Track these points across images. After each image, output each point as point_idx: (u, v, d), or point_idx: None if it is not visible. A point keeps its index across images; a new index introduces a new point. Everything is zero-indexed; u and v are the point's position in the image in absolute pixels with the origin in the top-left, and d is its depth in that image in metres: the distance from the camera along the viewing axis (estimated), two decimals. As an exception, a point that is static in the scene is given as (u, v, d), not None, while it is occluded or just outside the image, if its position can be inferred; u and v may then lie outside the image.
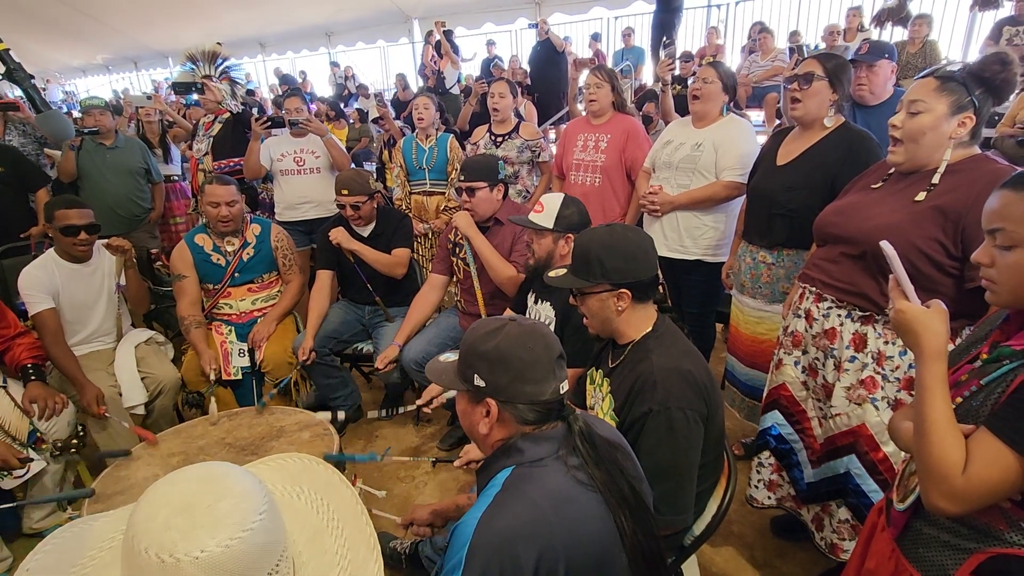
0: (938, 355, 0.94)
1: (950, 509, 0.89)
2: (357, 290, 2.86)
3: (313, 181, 3.47)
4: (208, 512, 0.69)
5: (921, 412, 0.93)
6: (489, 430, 1.07)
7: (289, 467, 1.04)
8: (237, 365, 2.57)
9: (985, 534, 0.93)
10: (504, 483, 1.00)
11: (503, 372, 1.02)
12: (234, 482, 0.75)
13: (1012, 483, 0.85)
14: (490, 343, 1.04)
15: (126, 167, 3.68)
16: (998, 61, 1.39)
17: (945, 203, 1.42)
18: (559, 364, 1.06)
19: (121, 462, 1.85)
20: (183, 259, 2.65)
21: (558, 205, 1.99)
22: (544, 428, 1.05)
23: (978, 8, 5.85)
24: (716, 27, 7.72)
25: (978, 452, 0.87)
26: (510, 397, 1.03)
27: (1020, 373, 0.87)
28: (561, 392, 1.05)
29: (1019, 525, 0.90)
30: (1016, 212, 0.89)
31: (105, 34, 11.62)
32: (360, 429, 2.94)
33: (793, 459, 1.85)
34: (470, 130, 3.94)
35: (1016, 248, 0.90)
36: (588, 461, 1.01)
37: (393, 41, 11.10)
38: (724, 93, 2.45)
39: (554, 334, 1.10)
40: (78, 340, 2.48)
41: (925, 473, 0.92)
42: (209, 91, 3.71)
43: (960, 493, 0.87)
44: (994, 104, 1.45)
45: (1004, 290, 0.93)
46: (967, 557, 0.94)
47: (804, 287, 1.77)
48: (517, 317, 1.10)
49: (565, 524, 0.94)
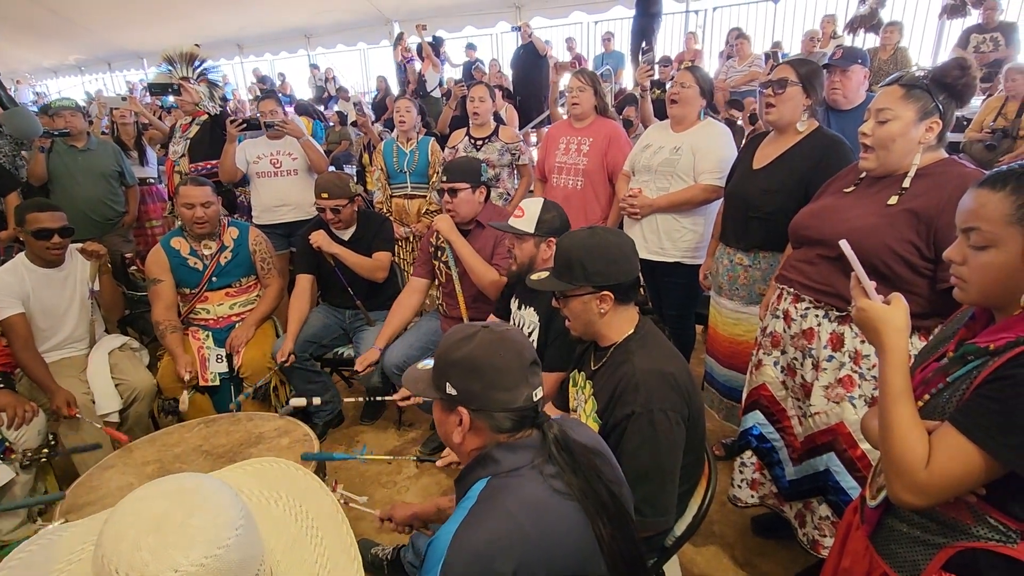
0: (899, 350, 0.96)
1: (915, 502, 0.91)
2: (338, 294, 2.83)
3: (290, 183, 3.43)
4: (180, 529, 0.66)
5: (884, 407, 0.95)
6: (463, 439, 1.06)
7: (266, 472, 1.01)
8: (215, 371, 2.53)
9: (953, 529, 0.95)
10: (479, 495, 0.98)
11: (475, 380, 1.01)
12: (207, 496, 0.71)
13: (974, 476, 0.87)
14: (462, 351, 1.03)
15: (98, 169, 3.61)
16: (957, 67, 1.43)
17: (917, 206, 1.45)
18: (532, 371, 1.05)
19: (95, 469, 1.80)
20: (158, 263, 2.60)
21: (538, 210, 1.99)
22: (519, 436, 1.04)
23: (946, 16, 6.02)
24: (694, 32, 7.81)
25: (941, 446, 0.89)
26: (482, 405, 1.02)
27: (983, 369, 0.89)
28: (535, 399, 1.04)
29: (985, 519, 0.92)
30: (991, 212, 0.90)
31: (77, 34, 11.36)
32: (340, 434, 2.92)
33: (774, 458, 1.88)
34: (450, 133, 3.94)
35: (989, 248, 0.91)
36: (564, 469, 1.00)
37: (374, 44, 11.02)
38: (701, 97, 2.48)
39: (528, 340, 1.09)
40: (49, 347, 2.42)
41: (890, 467, 0.94)
42: (186, 92, 3.65)
43: (924, 486, 0.89)
44: (957, 107, 1.48)
45: (973, 288, 0.95)
46: (936, 552, 0.96)
47: (782, 288, 1.80)
48: (491, 323, 1.09)
49: (543, 535, 0.94)
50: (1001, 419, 0.84)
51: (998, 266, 0.90)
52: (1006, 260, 0.89)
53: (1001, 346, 0.88)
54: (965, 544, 0.94)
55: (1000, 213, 0.89)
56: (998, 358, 0.88)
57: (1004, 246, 0.89)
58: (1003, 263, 0.90)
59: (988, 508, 0.91)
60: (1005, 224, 0.89)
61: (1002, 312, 0.95)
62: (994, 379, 0.87)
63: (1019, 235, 0.88)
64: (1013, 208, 0.88)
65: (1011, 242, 0.89)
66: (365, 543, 2.03)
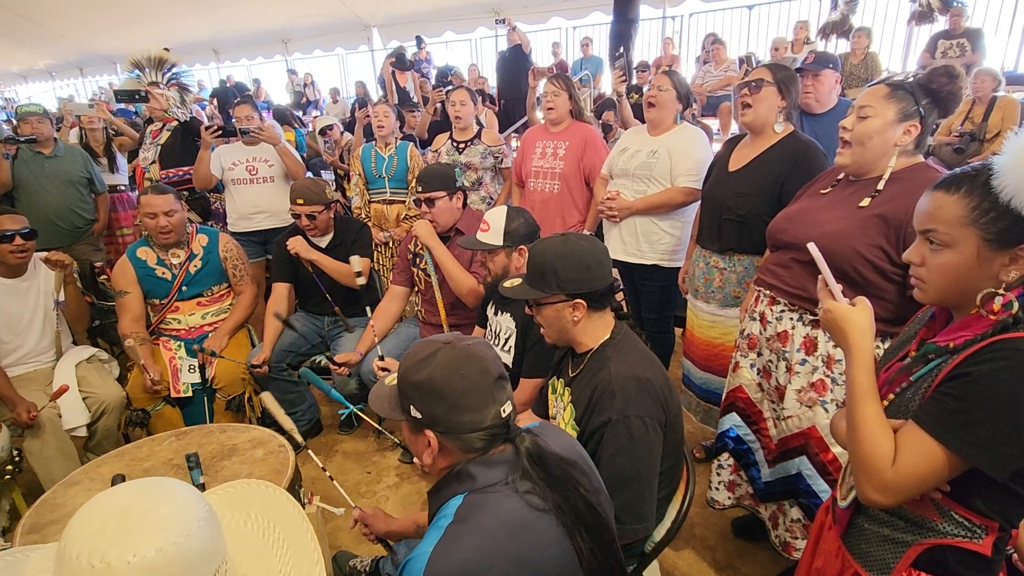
0: (864, 350, 0.98)
1: (882, 500, 0.93)
2: (316, 301, 2.79)
3: (267, 190, 3.37)
4: (143, 516, 0.68)
5: (851, 406, 0.97)
6: (432, 460, 1.03)
7: (239, 494, 1.00)
8: (187, 381, 2.47)
9: (920, 526, 0.97)
10: (456, 513, 0.96)
11: (438, 403, 0.97)
12: (173, 491, 0.73)
13: (939, 473, 0.88)
14: (422, 373, 0.98)
15: (66, 176, 3.51)
16: (946, 74, 1.45)
17: (887, 211, 1.46)
18: (499, 386, 1.00)
19: (60, 486, 1.74)
20: (125, 274, 2.54)
21: (503, 220, 1.96)
22: (493, 452, 1.01)
23: (915, 22, 6.17)
24: (671, 38, 7.90)
25: (906, 445, 0.90)
26: (448, 428, 0.98)
27: (944, 367, 0.91)
28: (503, 415, 1.00)
29: (951, 516, 0.94)
30: (946, 214, 0.92)
31: (47, 39, 11.13)
32: (319, 443, 2.86)
33: (751, 459, 1.88)
34: (429, 139, 3.92)
35: (946, 249, 0.93)
36: (539, 484, 0.98)
37: (352, 49, 10.97)
38: (678, 101, 2.50)
39: (494, 353, 1.05)
40: (13, 360, 2.34)
41: (857, 466, 0.96)
42: (154, 99, 3.58)
43: (890, 484, 0.91)
44: (939, 116, 1.50)
45: (932, 288, 0.97)
46: (906, 550, 0.98)
47: (759, 291, 1.81)
48: (453, 338, 1.03)
49: (521, 553, 0.92)
50: (961, 416, 0.86)
51: (954, 266, 0.92)
52: (962, 260, 0.91)
53: (960, 344, 0.90)
54: (933, 541, 0.95)
55: (955, 215, 0.91)
56: (957, 356, 0.89)
57: (960, 247, 0.91)
58: (959, 263, 0.92)
59: (952, 504, 0.93)
60: (960, 226, 0.90)
61: (960, 311, 0.97)
62: (954, 376, 0.89)
63: (974, 236, 0.90)
64: (967, 210, 0.90)
65: (966, 243, 0.90)
66: (343, 555, 1.99)
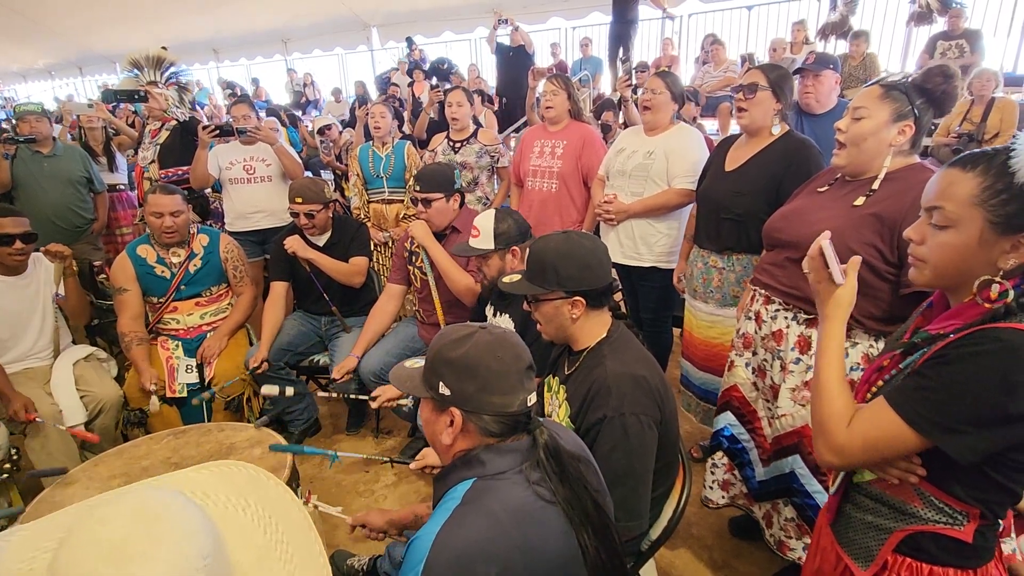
0: (836, 320, 1.02)
1: (835, 461, 0.97)
2: (313, 301, 2.80)
3: (264, 190, 3.38)
4: (142, 559, 0.61)
5: (817, 369, 1.02)
6: (452, 440, 1.03)
7: (234, 477, 0.97)
8: (183, 381, 2.47)
9: (902, 512, 0.98)
10: (464, 496, 0.96)
11: (470, 381, 0.99)
12: (173, 522, 0.66)
13: (892, 444, 0.92)
14: (458, 350, 1.00)
15: (65, 176, 3.52)
16: (941, 73, 1.45)
17: (882, 210, 1.47)
18: (528, 375, 1.03)
19: (58, 485, 1.74)
20: (124, 271, 2.54)
21: (491, 224, 1.96)
22: (509, 440, 1.02)
23: (914, 23, 6.17)
24: (670, 38, 7.90)
25: (867, 413, 0.94)
26: (476, 408, 1.00)
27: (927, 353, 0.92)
28: (528, 404, 1.02)
29: (931, 501, 0.95)
30: (957, 191, 0.91)
31: (47, 38, 11.13)
32: (317, 443, 2.86)
33: (745, 458, 1.89)
34: (428, 139, 3.92)
35: (949, 228, 0.92)
36: (552, 477, 0.99)
37: (351, 49, 10.96)
38: (673, 102, 2.50)
39: (524, 344, 1.07)
40: (11, 358, 2.34)
41: (816, 426, 1.00)
42: (152, 99, 3.58)
43: (844, 446, 0.95)
44: (935, 116, 1.50)
45: (929, 268, 0.97)
46: (888, 536, 1.00)
47: (755, 290, 1.82)
48: (488, 325, 1.06)
49: (527, 541, 0.92)
50: (924, 393, 0.88)
51: (955, 247, 0.92)
52: (963, 242, 0.91)
53: (949, 332, 0.91)
54: (915, 527, 0.97)
55: (966, 193, 0.90)
56: (942, 341, 0.90)
57: (963, 227, 0.91)
58: (960, 244, 0.91)
59: (930, 488, 0.94)
60: (968, 205, 0.90)
61: (956, 296, 0.97)
62: (931, 359, 0.90)
63: (979, 217, 0.89)
64: (979, 189, 0.89)
65: (971, 224, 0.90)
66: (341, 554, 2.00)
